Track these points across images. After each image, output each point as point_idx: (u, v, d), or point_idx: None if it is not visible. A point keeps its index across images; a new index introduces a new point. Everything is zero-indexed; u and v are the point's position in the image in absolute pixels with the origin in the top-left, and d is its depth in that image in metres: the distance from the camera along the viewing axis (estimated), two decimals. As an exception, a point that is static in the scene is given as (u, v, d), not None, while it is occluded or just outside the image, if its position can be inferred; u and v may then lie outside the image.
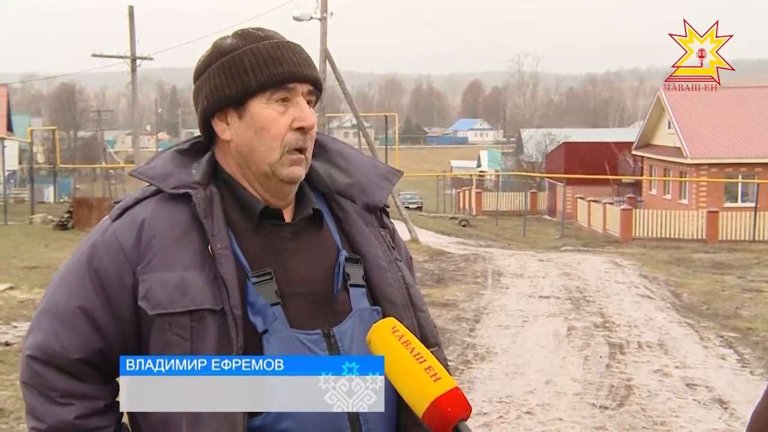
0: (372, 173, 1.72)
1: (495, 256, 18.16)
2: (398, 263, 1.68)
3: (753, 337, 9.48)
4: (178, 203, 1.55)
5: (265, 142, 1.55)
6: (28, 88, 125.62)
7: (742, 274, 15.70)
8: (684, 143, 31.38)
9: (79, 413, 1.52)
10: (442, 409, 1.38)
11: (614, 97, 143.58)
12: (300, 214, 1.62)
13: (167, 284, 1.49)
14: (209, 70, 1.59)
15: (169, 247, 1.51)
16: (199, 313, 1.48)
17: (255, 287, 1.51)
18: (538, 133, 53.33)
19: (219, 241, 1.51)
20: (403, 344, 1.45)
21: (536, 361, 8.09)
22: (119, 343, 1.54)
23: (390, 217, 1.79)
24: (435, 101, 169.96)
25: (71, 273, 1.58)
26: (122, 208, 1.59)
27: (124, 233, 1.54)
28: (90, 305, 1.53)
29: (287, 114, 1.55)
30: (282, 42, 1.59)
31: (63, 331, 1.54)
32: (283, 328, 1.51)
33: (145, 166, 1.62)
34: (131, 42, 31.06)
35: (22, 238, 20.93)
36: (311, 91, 1.59)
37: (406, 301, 1.64)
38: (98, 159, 60.97)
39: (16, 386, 6.66)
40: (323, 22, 23.22)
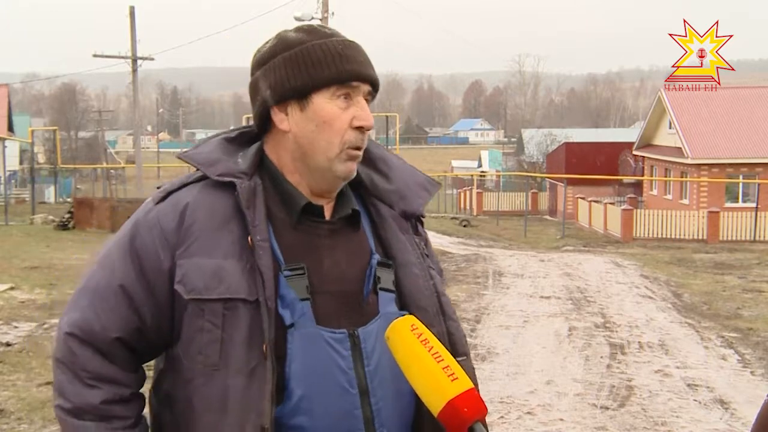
0: (412, 181, 1.73)
1: (496, 257, 18.15)
2: (431, 271, 1.69)
3: (754, 338, 9.48)
4: (222, 191, 1.56)
5: (325, 136, 1.56)
6: (29, 89, 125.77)
7: (743, 274, 15.69)
8: (685, 143, 31.36)
9: (105, 398, 1.54)
10: (458, 409, 1.38)
11: (615, 97, 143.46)
12: (339, 213, 1.63)
13: (204, 270, 1.51)
14: (274, 60, 1.59)
15: (209, 234, 1.53)
16: (233, 302, 1.49)
17: (287, 281, 1.53)
18: (539, 133, 53.33)
19: (259, 232, 1.52)
20: (422, 342, 1.45)
21: (537, 362, 8.09)
22: (154, 323, 1.56)
23: (424, 225, 1.80)
24: (436, 101, 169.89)
25: (113, 252, 1.59)
26: (166, 191, 1.61)
27: (167, 216, 1.56)
28: (130, 284, 1.55)
29: (348, 111, 1.57)
30: (348, 41, 1.61)
31: (103, 309, 1.55)
32: (309, 324, 1.52)
33: (193, 150, 1.64)
34: (132, 42, 31.08)
35: (22, 239, 20.92)
36: (370, 91, 1.61)
37: (437, 309, 1.65)
38: (99, 159, 60.94)
39: (17, 386, 6.65)
40: (324, 23, 23.22)
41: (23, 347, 7.99)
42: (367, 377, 1.53)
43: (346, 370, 1.52)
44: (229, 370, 1.49)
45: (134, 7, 31.27)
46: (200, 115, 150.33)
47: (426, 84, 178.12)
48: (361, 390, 1.52)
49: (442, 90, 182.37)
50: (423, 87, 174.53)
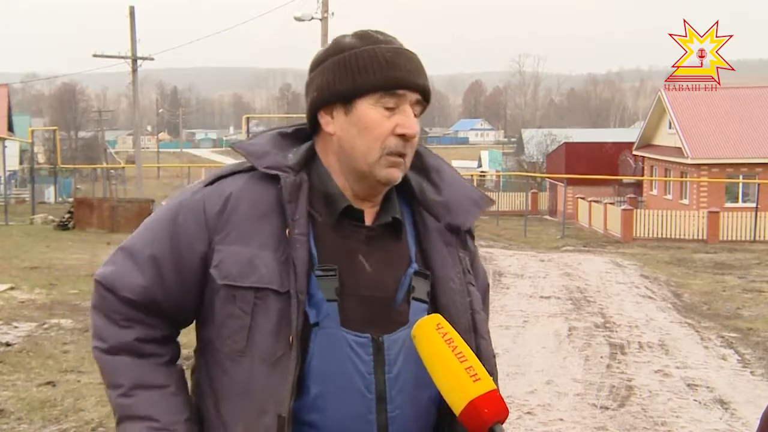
0: (463, 196, 1.72)
1: (496, 257, 18.16)
2: (470, 287, 1.68)
3: (754, 338, 9.48)
4: (268, 183, 1.59)
5: (366, 141, 1.57)
6: (29, 89, 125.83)
7: (742, 274, 15.70)
8: (685, 143, 31.35)
9: (138, 336, 1.60)
10: (479, 409, 1.39)
11: (615, 98, 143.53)
12: (380, 220, 1.64)
13: (240, 258, 1.54)
14: (324, 63, 1.61)
15: (249, 223, 1.56)
16: (264, 291, 1.52)
17: (318, 280, 1.54)
18: (538, 133, 53.32)
19: (297, 227, 1.54)
20: (446, 342, 1.46)
21: (537, 362, 8.09)
22: (177, 300, 1.61)
23: (474, 239, 1.80)
24: (436, 101, 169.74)
25: (156, 222, 1.64)
26: (216, 175, 1.64)
27: (212, 200, 1.59)
28: (161, 257, 1.59)
29: (392, 119, 1.57)
30: (399, 48, 1.60)
31: (131, 271, 1.61)
32: (333, 326, 1.53)
33: (247, 141, 1.66)
34: (132, 42, 31.08)
35: (22, 239, 20.93)
36: (419, 100, 1.61)
37: (469, 326, 1.65)
38: (99, 159, 60.92)
39: (17, 387, 6.66)
40: (324, 23, 23.22)
41: (23, 347, 7.99)
42: (386, 384, 1.54)
43: (365, 374, 1.53)
44: (254, 357, 1.52)
45: (134, 7, 31.27)
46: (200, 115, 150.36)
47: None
48: (378, 396, 1.53)
49: (442, 90, 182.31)
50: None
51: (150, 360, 1.60)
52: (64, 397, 6.28)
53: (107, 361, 1.61)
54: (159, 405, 1.56)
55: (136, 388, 1.57)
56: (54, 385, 6.61)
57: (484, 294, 1.81)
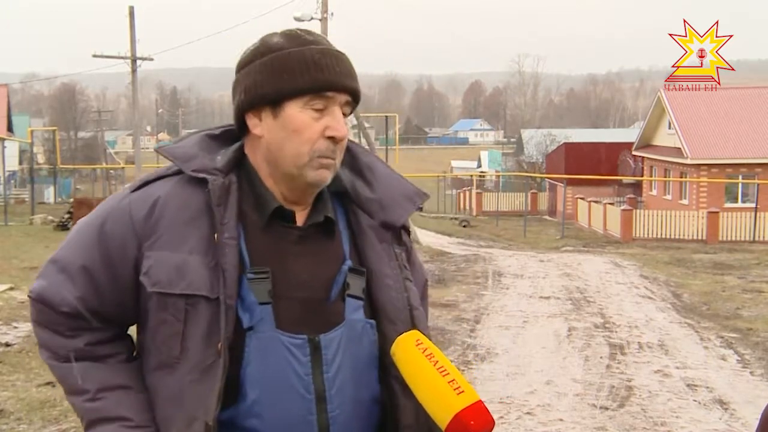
0: (397, 192, 1.70)
1: (495, 257, 18.16)
2: (407, 283, 1.66)
3: (753, 338, 9.48)
4: (196, 186, 1.56)
5: (295, 144, 1.55)
6: (28, 89, 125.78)
7: (742, 274, 15.70)
8: (684, 144, 31.37)
9: (88, 341, 1.58)
10: (465, 422, 1.39)
11: (615, 98, 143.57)
12: (311, 220, 1.61)
13: (169, 265, 1.51)
14: (252, 64, 1.58)
15: (177, 228, 1.53)
16: (195, 298, 1.49)
17: (250, 283, 1.52)
18: (538, 133, 53.34)
19: (227, 230, 1.52)
20: (427, 357, 1.46)
21: (537, 362, 8.09)
22: (116, 307, 1.58)
23: (410, 234, 1.77)
24: (435, 102, 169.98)
25: (84, 231, 1.61)
26: (143, 180, 1.62)
27: (138, 206, 1.56)
28: (93, 266, 1.56)
29: (321, 121, 1.55)
30: (327, 49, 1.58)
31: (65, 284, 1.58)
32: (268, 329, 1.51)
33: (173, 144, 1.64)
34: (131, 42, 31.08)
35: (22, 239, 20.91)
36: (348, 102, 1.59)
37: (408, 322, 1.62)
38: (98, 159, 60.98)
39: (17, 387, 6.65)
40: (323, 23, 23.22)
41: (23, 347, 7.99)
42: (325, 384, 1.52)
43: (302, 375, 1.51)
44: (187, 364, 1.50)
45: (134, 7, 31.26)
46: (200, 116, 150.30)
47: (426, 84, 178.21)
48: (318, 396, 1.52)
49: (441, 90, 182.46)
50: (423, 87, 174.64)
51: (108, 361, 1.58)
52: (63, 398, 6.26)
53: (64, 369, 1.58)
54: (128, 404, 1.55)
55: (102, 391, 1.55)
56: (53, 385, 6.61)
57: (423, 289, 1.80)
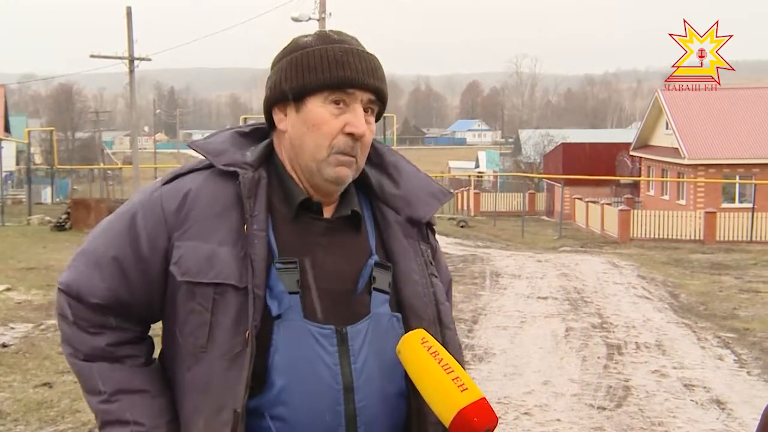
0: (422, 189, 1.74)
1: (493, 257, 18.16)
2: (433, 279, 1.69)
3: (750, 338, 9.49)
4: (227, 180, 1.60)
5: (314, 138, 1.59)
6: (25, 89, 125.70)
7: (739, 274, 15.72)
8: (682, 144, 31.41)
9: (110, 341, 1.61)
10: (469, 419, 1.40)
11: (612, 98, 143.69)
12: (339, 213, 1.65)
13: (199, 254, 1.54)
14: (281, 62, 1.64)
15: (208, 220, 1.57)
16: (223, 287, 1.52)
17: (278, 273, 1.55)
18: (536, 133, 53.40)
19: (256, 222, 1.56)
20: (432, 355, 1.48)
21: (534, 362, 8.09)
22: (144, 299, 1.61)
23: (435, 233, 1.80)
24: (433, 102, 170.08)
25: (115, 223, 1.64)
26: (174, 174, 1.66)
27: (169, 198, 1.59)
28: (124, 257, 1.60)
29: (341, 117, 1.58)
30: (351, 48, 1.62)
31: (94, 275, 1.61)
32: (297, 317, 1.54)
33: (204, 140, 1.68)
34: (129, 43, 31.05)
35: (19, 239, 20.88)
36: (372, 100, 1.62)
37: (434, 318, 1.65)
38: (96, 160, 60.97)
39: (14, 388, 6.64)
40: (321, 23, 23.22)
41: (19, 348, 7.98)
42: (353, 374, 1.54)
43: (330, 365, 1.53)
44: (214, 353, 1.52)
45: (131, 8, 31.24)
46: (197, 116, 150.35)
47: (423, 85, 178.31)
48: (345, 386, 1.53)
49: (439, 91, 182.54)
50: (420, 88, 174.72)
51: (127, 363, 1.60)
52: (60, 399, 6.26)
53: (84, 368, 1.61)
54: (142, 409, 1.57)
55: (117, 393, 1.58)
56: (50, 386, 6.60)
57: (448, 288, 1.82)
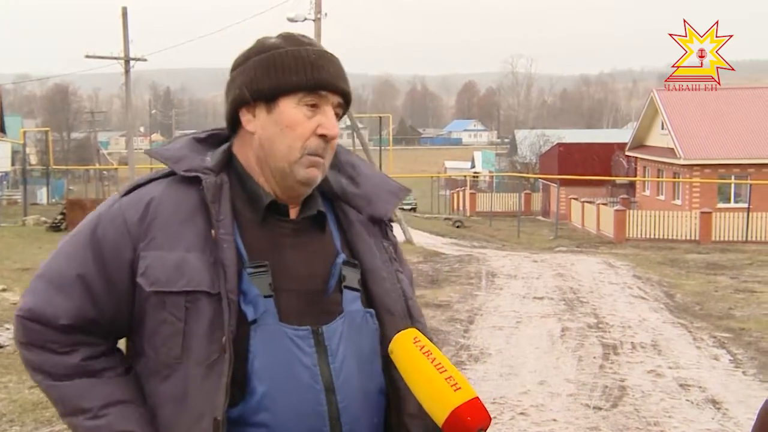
0: (381, 187, 1.75)
1: (489, 257, 18.17)
2: (398, 274, 1.70)
3: (746, 338, 9.51)
4: (189, 186, 1.58)
5: (287, 140, 1.58)
6: (20, 89, 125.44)
7: (735, 274, 15.75)
8: (677, 144, 31.45)
9: (85, 356, 1.57)
10: (462, 418, 1.40)
11: (608, 98, 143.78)
12: (304, 213, 1.65)
13: (166, 263, 1.52)
14: (248, 62, 1.62)
15: (173, 228, 1.54)
16: (195, 294, 1.50)
17: (250, 277, 1.53)
18: (531, 134, 53.44)
19: (223, 226, 1.54)
20: (424, 354, 1.48)
21: (530, 362, 8.10)
22: (113, 314, 1.57)
23: (393, 230, 1.81)
24: (429, 102, 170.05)
25: (74, 241, 1.60)
26: (134, 185, 1.63)
27: (131, 209, 1.56)
28: (88, 274, 1.56)
29: (314, 119, 1.59)
30: (323, 51, 1.63)
31: (58, 296, 1.56)
32: (272, 321, 1.53)
33: (162, 147, 1.66)
34: (125, 43, 31.01)
35: (14, 240, 20.85)
36: (340, 103, 1.63)
37: (404, 312, 1.66)
38: (91, 160, 60.85)
39: (9, 389, 6.63)
40: (317, 23, 23.20)
41: (15, 349, 7.96)
42: (332, 374, 1.53)
43: (309, 366, 1.52)
44: (190, 362, 1.50)
45: (127, 8, 31.20)
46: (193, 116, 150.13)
47: (419, 85, 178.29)
48: (326, 386, 1.53)
49: (435, 91, 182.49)
50: (416, 88, 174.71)
51: (106, 375, 1.57)
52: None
53: (63, 389, 1.56)
54: (133, 419, 1.54)
55: (105, 407, 1.54)
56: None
57: (410, 281, 1.82)
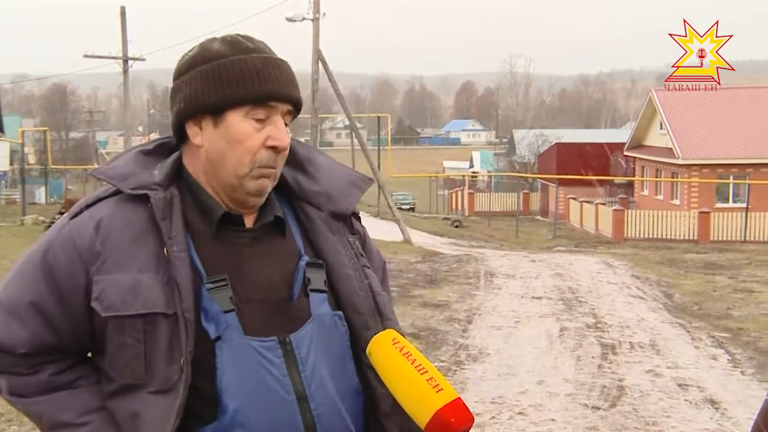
0: (341, 181, 1.70)
1: (487, 257, 18.18)
2: (366, 270, 1.65)
3: (744, 338, 9.51)
4: (137, 204, 1.53)
5: (236, 154, 1.52)
6: (19, 89, 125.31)
7: (733, 274, 15.75)
8: (676, 144, 31.48)
9: (53, 371, 1.55)
10: (446, 419, 1.38)
11: (606, 98, 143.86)
12: (261, 221, 1.59)
13: (120, 286, 1.47)
14: (192, 72, 1.55)
15: (124, 248, 1.49)
16: (152, 316, 1.46)
17: (209, 293, 1.49)
18: (530, 133, 53.43)
19: (176, 243, 1.49)
20: (404, 356, 1.45)
21: (528, 362, 8.10)
22: (72, 338, 1.54)
23: (361, 220, 1.76)
24: (427, 102, 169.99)
25: (26, 268, 1.56)
26: (81, 206, 1.57)
27: (80, 232, 1.52)
28: (42, 301, 1.52)
29: (263, 131, 1.53)
30: (269, 58, 1.55)
31: (14, 325, 1.53)
32: (236, 336, 1.48)
33: (106, 165, 1.60)
34: (123, 42, 31.02)
35: (12, 240, 20.81)
36: (290, 111, 1.57)
37: (373, 310, 1.62)
38: (90, 160, 60.76)
39: (7, 388, 6.63)
40: (315, 23, 23.19)
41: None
42: (303, 382, 1.50)
43: (279, 377, 1.48)
44: (153, 384, 1.47)
45: (125, 8, 31.21)
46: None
47: (417, 85, 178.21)
48: (298, 396, 1.49)
49: (433, 91, 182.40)
50: (414, 88, 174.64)
51: (79, 385, 1.55)
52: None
53: (38, 405, 1.54)
54: (111, 425, 1.52)
55: (83, 415, 1.52)
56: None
57: (383, 273, 1.78)
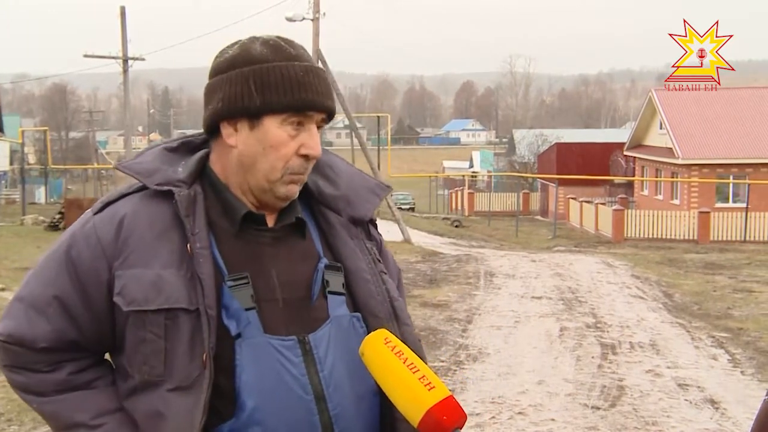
0: (360, 186, 1.71)
1: (487, 257, 18.18)
2: (383, 276, 1.66)
3: (744, 337, 9.51)
4: (161, 200, 1.54)
5: (269, 160, 1.54)
6: (19, 89, 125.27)
7: (733, 274, 15.75)
8: (675, 144, 31.47)
9: (72, 370, 1.56)
10: (437, 417, 1.38)
11: (606, 98, 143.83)
12: (282, 221, 1.61)
13: (143, 281, 1.48)
14: (232, 72, 1.55)
15: (147, 244, 1.51)
16: (173, 312, 1.47)
17: (231, 291, 1.50)
18: (530, 133, 53.41)
19: (198, 240, 1.50)
20: (396, 355, 1.45)
21: (528, 362, 8.10)
22: (94, 334, 1.55)
23: (378, 227, 1.78)
24: (427, 102, 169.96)
25: (49, 262, 1.57)
26: (105, 202, 1.59)
27: (104, 227, 1.53)
28: (65, 295, 1.53)
29: (297, 138, 1.55)
30: (310, 67, 1.57)
31: (37, 319, 1.54)
32: (257, 333, 1.49)
33: (132, 161, 1.61)
34: (123, 42, 31.00)
35: (13, 239, 20.82)
36: (324, 119, 1.59)
37: (390, 315, 1.63)
38: (90, 160, 60.76)
39: (7, 388, 6.62)
40: (315, 23, 23.19)
41: None
42: (322, 382, 1.51)
43: (298, 376, 1.49)
44: (173, 380, 1.47)
45: (125, 7, 31.19)
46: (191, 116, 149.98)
47: (417, 85, 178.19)
48: (316, 396, 1.50)
49: (433, 91, 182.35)
50: (414, 88, 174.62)
51: (96, 385, 1.56)
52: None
53: (53, 405, 1.55)
54: (126, 427, 1.53)
55: (98, 417, 1.53)
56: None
57: (398, 280, 1.79)
